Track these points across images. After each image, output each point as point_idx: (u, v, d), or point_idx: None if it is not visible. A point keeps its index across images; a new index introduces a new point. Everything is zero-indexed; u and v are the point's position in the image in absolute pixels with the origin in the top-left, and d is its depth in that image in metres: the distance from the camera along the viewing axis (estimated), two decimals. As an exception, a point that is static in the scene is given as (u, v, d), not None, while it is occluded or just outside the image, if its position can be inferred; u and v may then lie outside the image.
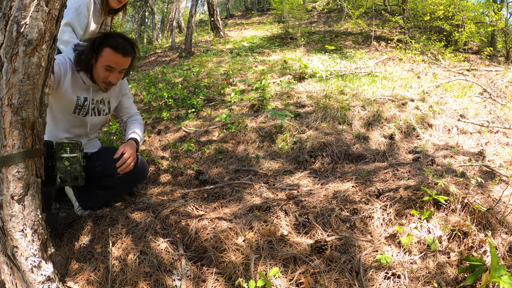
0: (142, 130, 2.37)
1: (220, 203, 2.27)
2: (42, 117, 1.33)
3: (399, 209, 2.00)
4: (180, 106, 4.45)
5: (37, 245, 1.31)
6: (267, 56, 7.50)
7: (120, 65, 1.98)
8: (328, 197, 2.23)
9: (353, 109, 3.76)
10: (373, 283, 1.57)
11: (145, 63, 9.46)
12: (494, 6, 7.91)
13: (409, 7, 8.72)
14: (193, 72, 5.69)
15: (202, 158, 3.17)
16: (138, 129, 2.30)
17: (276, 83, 5.10)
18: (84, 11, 2.46)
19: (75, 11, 2.42)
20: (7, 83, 1.21)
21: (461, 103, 4.30)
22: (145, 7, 15.75)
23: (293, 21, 10.73)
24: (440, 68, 6.43)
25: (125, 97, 2.38)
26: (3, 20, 1.20)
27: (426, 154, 2.94)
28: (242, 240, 1.83)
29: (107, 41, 1.93)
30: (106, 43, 1.92)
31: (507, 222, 1.84)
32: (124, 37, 1.99)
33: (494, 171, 2.41)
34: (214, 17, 10.78)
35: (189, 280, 1.66)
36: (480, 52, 8.35)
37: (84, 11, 2.46)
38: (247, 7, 18.02)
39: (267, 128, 3.46)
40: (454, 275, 1.61)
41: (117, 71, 2.00)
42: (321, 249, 1.71)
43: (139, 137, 2.26)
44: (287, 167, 2.93)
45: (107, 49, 1.92)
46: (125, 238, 1.87)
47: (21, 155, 1.26)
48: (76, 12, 2.42)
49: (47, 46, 1.25)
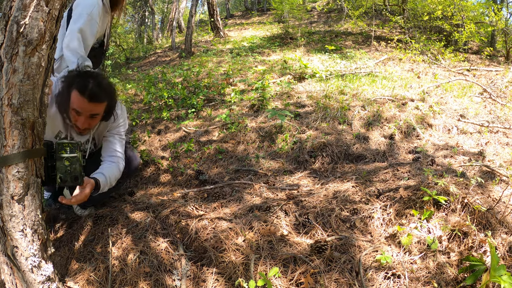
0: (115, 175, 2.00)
1: (220, 203, 2.27)
2: (42, 117, 1.33)
3: (399, 209, 2.00)
4: (180, 106, 4.45)
5: (37, 245, 1.31)
6: (267, 56, 7.50)
7: (87, 110, 1.79)
8: (328, 197, 2.23)
9: (353, 109, 3.76)
10: (373, 283, 1.57)
11: (145, 63, 9.46)
12: (494, 6, 7.91)
13: (409, 7, 8.72)
14: (193, 72, 5.69)
15: (202, 158, 3.17)
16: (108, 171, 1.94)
17: (276, 83, 5.10)
18: (96, 17, 2.33)
19: (87, 17, 2.28)
20: (7, 83, 1.21)
21: (461, 103, 4.30)
22: (145, 7, 15.75)
23: (293, 21, 10.73)
24: (440, 68, 6.43)
25: (112, 135, 2.10)
26: (3, 20, 1.20)
27: (426, 154, 2.93)
28: (242, 240, 1.83)
29: (76, 83, 1.76)
30: (75, 84, 1.76)
31: (507, 222, 1.84)
32: (98, 81, 1.79)
33: (494, 171, 2.40)
34: (214, 17, 10.78)
35: (189, 280, 1.66)
36: (480, 52, 8.35)
37: (96, 16, 2.33)
38: (247, 7, 18.03)
39: (267, 128, 3.46)
40: (454, 275, 1.61)
41: (85, 116, 1.81)
42: (321, 249, 1.71)
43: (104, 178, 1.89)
44: (287, 167, 2.93)
45: (74, 91, 1.76)
46: (125, 238, 1.87)
47: (21, 155, 1.26)
48: (88, 18, 2.28)
49: (47, 46, 1.25)
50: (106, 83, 1.86)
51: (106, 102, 1.86)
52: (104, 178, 1.89)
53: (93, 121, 1.88)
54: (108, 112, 1.94)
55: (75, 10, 2.31)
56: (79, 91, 1.74)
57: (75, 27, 2.27)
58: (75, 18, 2.29)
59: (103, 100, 1.83)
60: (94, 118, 1.87)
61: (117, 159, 2.07)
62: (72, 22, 2.29)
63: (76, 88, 1.75)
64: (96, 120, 1.90)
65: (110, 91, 1.88)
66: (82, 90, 1.74)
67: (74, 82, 1.77)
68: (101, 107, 1.86)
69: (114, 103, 1.95)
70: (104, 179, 1.89)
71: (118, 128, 2.13)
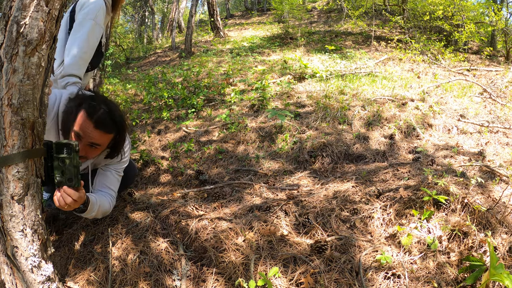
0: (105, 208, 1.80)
1: (220, 203, 2.27)
2: (42, 117, 1.33)
3: (399, 209, 2.00)
4: (180, 106, 4.45)
5: (37, 245, 1.31)
6: (267, 56, 7.50)
7: (89, 137, 1.59)
8: (328, 197, 2.23)
9: (353, 109, 3.76)
10: (373, 283, 1.57)
11: (145, 63, 9.46)
12: (494, 6, 7.91)
13: (409, 7, 8.72)
14: (193, 72, 5.69)
15: (202, 158, 3.17)
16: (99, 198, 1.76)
17: (276, 83, 5.10)
18: (101, 22, 2.20)
19: (92, 22, 2.16)
20: (7, 83, 1.21)
21: (461, 103, 4.30)
22: (145, 7, 15.75)
23: (293, 21, 10.74)
24: (440, 68, 6.43)
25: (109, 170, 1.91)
26: (3, 20, 1.20)
27: (426, 154, 2.93)
28: (242, 240, 1.83)
29: (86, 104, 1.59)
30: (84, 105, 1.59)
31: (507, 222, 1.84)
32: (111, 109, 1.62)
33: (494, 171, 2.40)
34: (214, 17, 10.78)
35: (189, 280, 1.66)
36: (480, 52, 8.36)
37: (100, 21, 2.20)
38: (247, 7, 18.03)
39: (267, 128, 3.46)
40: (454, 275, 1.61)
41: (84, 142, 1.60)
42: (321, 249, 1.71)
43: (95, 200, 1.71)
44: (287, 167, 2.93)
45: (82, 112, 1.58)
46: (125, 238, 1.87)
47: (21, 155, 1.26)
48: (93, 24, 2.16)
49: (47, 46, 1.25)
50: (119, 114, 1.67)
51: (113, 135, 1.67)
52: (94, 199, 1.69)
53: (92, 151, 1.65)
54: (113, 148, 1.74)
55: (81, 12, 2.20)
56: (87, 114, 1.57)
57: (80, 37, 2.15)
58: (80, 21, 2.18)
59: (110, 132, 1.64)
60: (94, 149, 1.65)
61: (109, 196, 1.86)
62: (77, 26, 2.18)
63: (84, 109, 1.58)
64: (95, 152, 1.67)
65: (121, 124, 1.67)
66: (91, 114, 1.57)
67: (84, 103, 1.61)
68: (106, 139, 1.65)
69: (122, 140, 1.75)
70: (94, 200, 1.69)
71: (119, 165, 1.92)
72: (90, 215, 1.72)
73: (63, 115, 1.68)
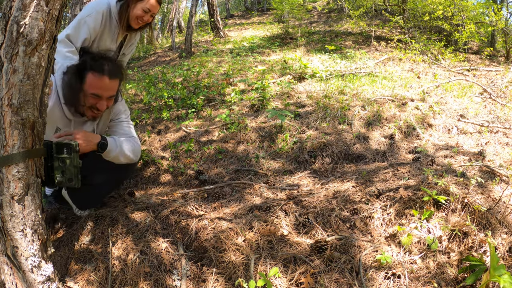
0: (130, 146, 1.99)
1: (220, 203, 2.27)
2: (42, 117, 1.33)
3: (399, 209, 2.00)
4: (180, 106, 4.45)
5: (37, 245, 1.31)
6: (267, 56, 7.50)
7: (107, 90, 1.80)
8: (328, 197, 2.23)
9: (353, 109, 3.76)
10: (373, 283, 1.57)
11: (145, 63, 9.46)
12: (494, 6, 7.91)
13: (409, 7, 8.72)
14: (193, 72, 5.69)
15: (202, 158, 3.17)
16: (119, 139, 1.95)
17: (276, 83, 5.10)
18: (91, 23, 2.21)
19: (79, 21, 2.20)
20: (7, 83, 1.21)
21: (461, 103, 4.30)
22: (145, 7, 15.72)
23: (293, 21, 10.74)
24: (440, 68, 6.43)
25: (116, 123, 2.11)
26: (3, 20, 1.20)
27: (426, 154, 2.93)
28: (242, 240, 1.83)
29: (90, 66, 1.75)
30: (89, 68, 1.75)
31: (507, 222, 1.84)
32: (110, 58, 1.85)
33: (494, 171, 2.40)
34: (214, 17, 10.79)
35: (189, 280, 1.66)
36: (480, 52, 8.36)
37: (91, 23, 2.21)
38: (247, 7, 18.03)
39: (267, 128, 3.46)
40: (454, 275, 1.61)
41: (105, 98, 1.82)
42: (321, 249, 1.71)
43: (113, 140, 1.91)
44: (287, 167, 2.93)
45: (90, 74, 1.75)
46: (125, 238, 1.87)
47: (21, 155, 1.26)
48: (80, 23, 2.20)
49: (47, 46, 1.25)
50: (111, 57, 1.88)
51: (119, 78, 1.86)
52: (113, 140, 1.88)
53: (110, 101, 1.89)
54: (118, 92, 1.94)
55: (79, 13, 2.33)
56: (97, 72, 1.74)
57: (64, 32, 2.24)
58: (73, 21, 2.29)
59: (119, 76, 1.84)
60: (111, 100, 1.88)
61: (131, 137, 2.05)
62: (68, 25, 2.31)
63: (92, 70, 1.74)
64: (111, 101, 1.90)
65: (121, 67, 1.90)
66: (101, 70, 1.74)
67: (87, 67, 1.75)
68: (117, 84, 1.85)
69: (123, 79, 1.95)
70: (112, 140, 1.87)
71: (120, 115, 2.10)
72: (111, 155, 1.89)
73: (65, 88, 1.80)
